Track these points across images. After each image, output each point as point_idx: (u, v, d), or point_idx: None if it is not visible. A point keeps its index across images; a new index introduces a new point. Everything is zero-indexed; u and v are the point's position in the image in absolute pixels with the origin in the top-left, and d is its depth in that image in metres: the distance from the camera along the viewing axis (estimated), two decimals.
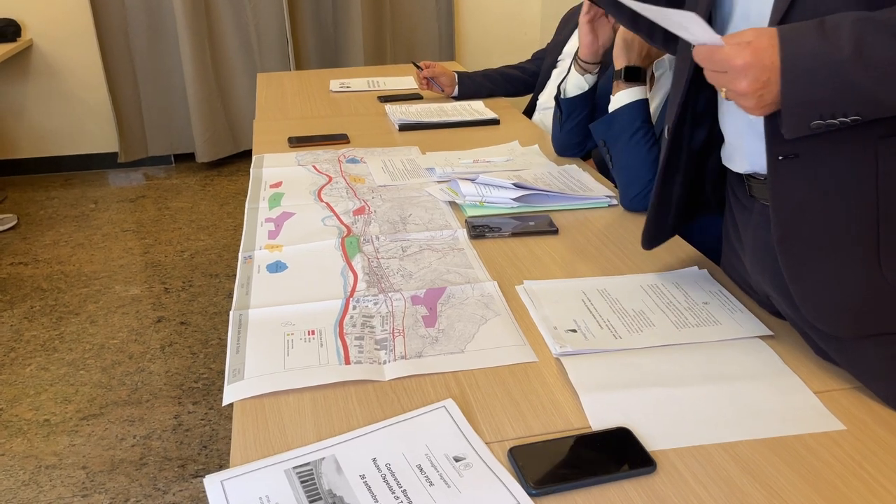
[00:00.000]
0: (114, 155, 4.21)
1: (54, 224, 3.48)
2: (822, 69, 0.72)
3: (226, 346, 0.92)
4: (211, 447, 1.95)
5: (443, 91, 2.24)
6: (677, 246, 1.23)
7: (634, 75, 1.40)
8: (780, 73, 0.73)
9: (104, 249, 3.19)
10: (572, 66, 1.59)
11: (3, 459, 1.91)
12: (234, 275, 1.16)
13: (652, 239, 1.13)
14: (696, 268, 1.13)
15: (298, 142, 1.86)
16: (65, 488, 1.80)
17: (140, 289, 2.83)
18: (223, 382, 0.89)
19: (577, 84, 1.57)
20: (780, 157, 0.81)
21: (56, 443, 1.97)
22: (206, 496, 1.82)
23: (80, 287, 2.85)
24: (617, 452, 0.74)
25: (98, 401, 2.14)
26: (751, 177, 0.95)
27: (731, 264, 1.09)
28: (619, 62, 1.42)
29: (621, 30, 1.45)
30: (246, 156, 4.34)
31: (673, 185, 1.06)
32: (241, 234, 1.31)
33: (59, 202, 3.78)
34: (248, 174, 1.59)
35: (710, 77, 0.80)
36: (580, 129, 1.61)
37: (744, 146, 0.94)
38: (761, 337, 0.94)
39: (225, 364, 0.92)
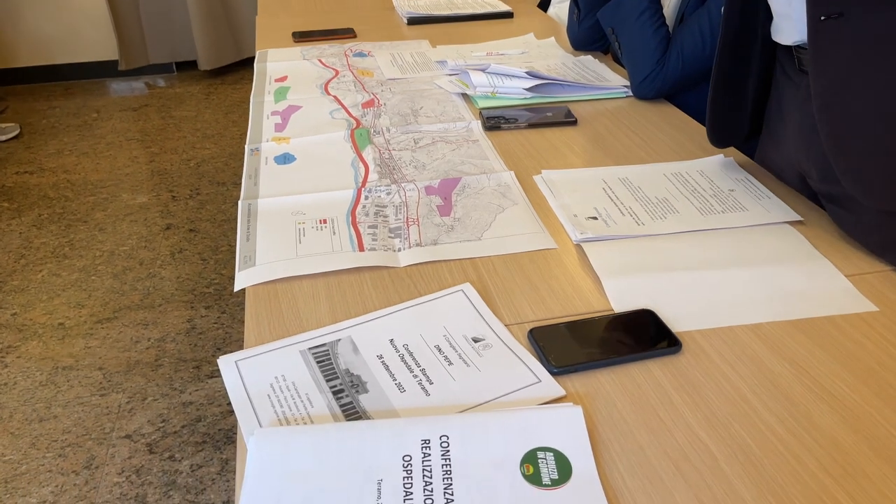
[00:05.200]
0: (114, 63, 4.11)
1: (57, 133, 3.43)
2: None
3: (236, 253, 0.90)
4: (225, 350, 1.96)
5: None
6: (700, 135, 1.17)
7: None
8: None
9: (109, 158, 3.15)
10: None
11: (19, 361, 1.93)
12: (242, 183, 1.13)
13: (720, 131, 1.03)
14: (721, 155, 1.08)
15: (303, 37, 1.78)
16: (82, 388, 1.83)
17: (147, 197, 2.80)
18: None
19: None
20: (822, 18, 0.75)
21: (72, 345, 1.99)
22: (221, 396, 1.82)
23: (87, 195, 2.82)
24: (641, 333, 0.72)
25: (111, 305, 2.15)
26: (801, 48, 0.89)
27: (767, 153, 1.04)
28: None
29: None
30: (249, 63, 4.23)
31: (746, 77, 0.97)
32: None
33: (60, 111, 3.71)
34: (252, 83, 1.53)
35: None
36: (599, 26, 1.53)
37: (793, 14, 0.87)
38: (790, 222, 0.91)
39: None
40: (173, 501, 1.51)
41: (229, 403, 1.75)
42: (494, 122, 1.23)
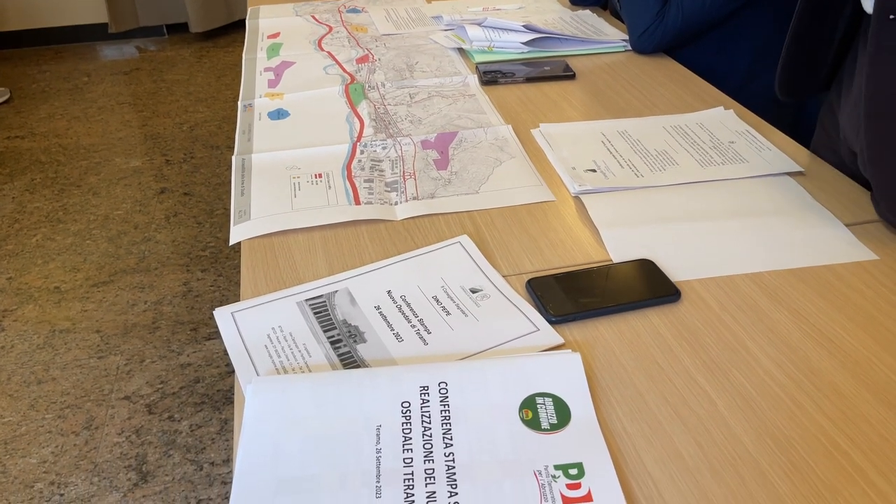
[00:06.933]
0: (104, 26, 4.04)
1: (48, 97, 3.38)
2: None
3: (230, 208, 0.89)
4: None
5: None
6: (700, 88, 1.16)
7: None
8: None
9: (101, 122, 3.11)
10: None
11: (16, 325, 1.93)
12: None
13: (793, 82, 0.92)
14: (721, 108, 1.07)
15: None
16: (80, 351, 1.83)
17: (141, 161, 2.78)
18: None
19: None
20: (892, 17, 0.69)
21: (68, 308, 1.98)
22: (219, 358, 1.82)
23: (80, 160, 2.79)
24: (640, 283, 0.71)
25: (107, 269, 2.14)
26: None
27: (831, 114, 0.96)
28: None
29: None
30: (241, 26, 4.15)
31: (837, 17, 0.86)
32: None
33: (51, 75, 3.66)
34: (244, 46, 1.51)
35: None
36: None
37: None
38: (791, 174, 0.90)
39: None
40: (173, 460, 1.52)
41: (227, 364, 1.76)
42: (491, 76, 1.22)
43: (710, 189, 0.88)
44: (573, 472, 0.52)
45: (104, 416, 1.64)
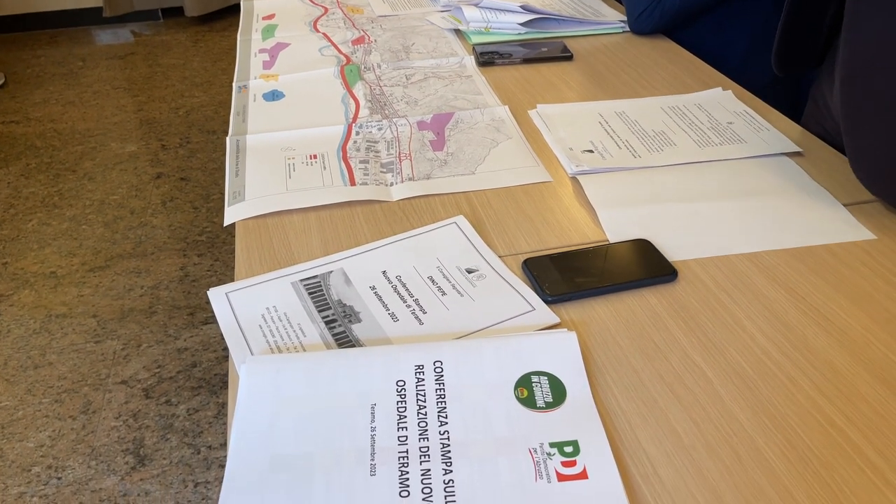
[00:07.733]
0: (98, 10, 4.00)
1: (43, 82, 3.36)
2: None
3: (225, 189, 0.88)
4: None
5: None
6: (698, 70, 1.15)
7: None
8: None
9: (96, 107, 3.09)
10: None
11: (12, 310, 1.92)
12: None
13: (789, 56, 0.92)
14: (719, 89, 1.06)
15: None
16: (77, 335, 1.83)
17: (136, 146, 2.76)
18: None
19: None
20: None
21: (64, 293, 1.98)
22: (216, 342, 1.82)
23: (75, 145, 2.78)
24: (637, 262, 0.71)
25: (103, 254, 2.14)
26: None
27: (822, 87, 0.95)
28: None
29: None
30: (236, 10, 4.12)
31: None
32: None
33: (45, 60, 3.63)
34: (239, 27, 1.49)
35: None
36: None
37: None
38: (789, 154, 0.89)
39: None
40: (171, 444, 1.52)
41: (224, 349, 1.75)
42: (488, 57, 1.20)
43: (707, 169, 0.87)
44: (568, 449, 0.51)
45: (101, 400, 1.63)
